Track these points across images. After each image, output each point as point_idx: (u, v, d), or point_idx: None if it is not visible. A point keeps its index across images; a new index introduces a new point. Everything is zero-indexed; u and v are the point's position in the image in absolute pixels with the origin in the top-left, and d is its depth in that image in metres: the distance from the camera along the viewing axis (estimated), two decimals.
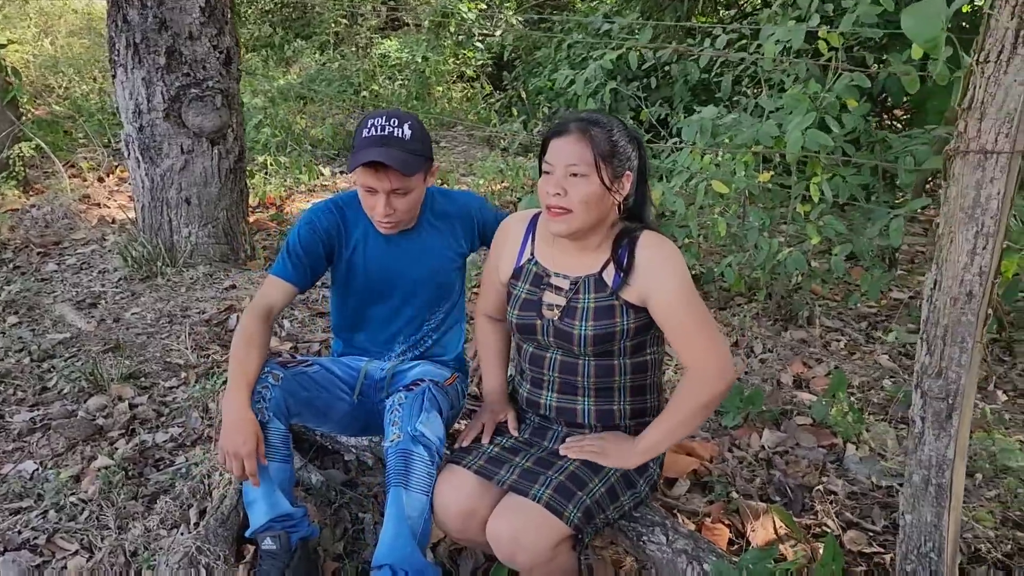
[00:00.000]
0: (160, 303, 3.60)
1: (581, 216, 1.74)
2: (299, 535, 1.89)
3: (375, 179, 1.88)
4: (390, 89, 9.49)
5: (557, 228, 1.76)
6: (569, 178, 1.71)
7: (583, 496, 1.76)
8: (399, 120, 1.91)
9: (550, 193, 1.73)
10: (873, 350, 3.45)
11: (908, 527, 1.87)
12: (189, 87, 3.75)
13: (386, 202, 1.90)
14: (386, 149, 1.86)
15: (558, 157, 1.73)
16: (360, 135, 1.90)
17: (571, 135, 1.72)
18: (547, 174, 1.75)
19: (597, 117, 1.76)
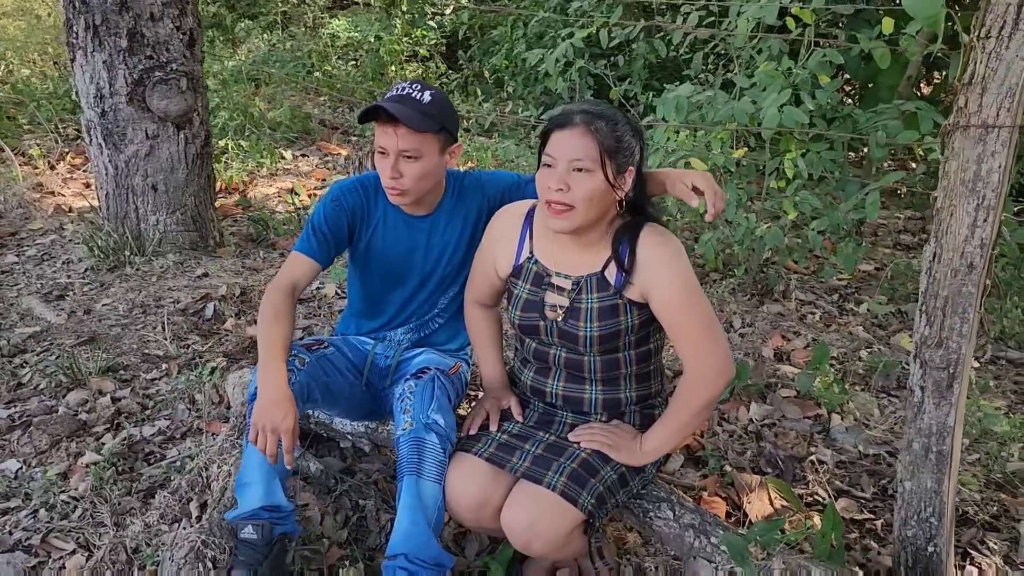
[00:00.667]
0: (131, 293, 3.50)
1: (583, 213, 1.69)
2: (282, 529, 1.85)
3: (385, 136, 1.85)
4: (344, 70, 9.34)
5: (559, 225, 1.71)
6: (572, 173, 1.66)
7: (596, 483, 1.77)
8: (422, 87, 1.90)
9: (552, 188, 1.67)
10: (848, 321, 3.53)
11: (908, 494, 1.92)
12: (153, 70, 3.64)
13: (393, 164, 1.87)
14: (399, 105, 1.84)
15: (561, 150, 1.67)
16: (387, 95, 1.89)
17: (576, 128, 1.66)
18: (548, 167, 1.69)
19: (601, 110, 1.71)
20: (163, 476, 2.27)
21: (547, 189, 1.69)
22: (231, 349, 3.00)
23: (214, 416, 2.57)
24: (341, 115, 8.14)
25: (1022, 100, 1.60)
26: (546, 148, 1.71)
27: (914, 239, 4.85)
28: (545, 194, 1.70)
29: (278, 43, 9.93)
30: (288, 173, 5.80)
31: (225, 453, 2.17)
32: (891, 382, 2.98)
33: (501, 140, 6.06)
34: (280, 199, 5.18)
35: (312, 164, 6.09)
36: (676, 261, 1.74)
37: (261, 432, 1.73)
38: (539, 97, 7.75)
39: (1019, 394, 2.89)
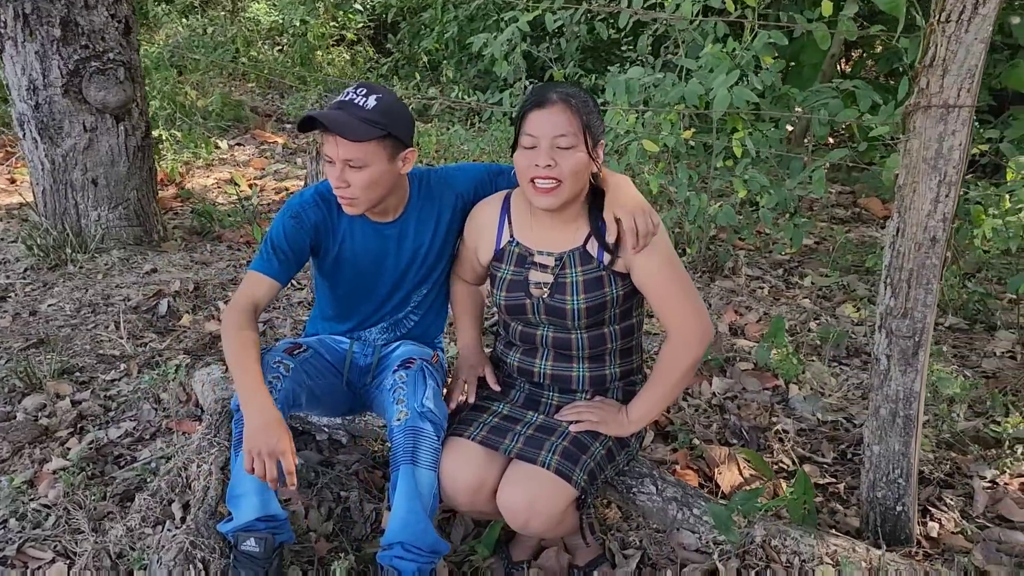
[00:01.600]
0: (77, 292, 3.39)
1: (569, 187, 1.74)
2: (281, 539, 1.83)
3: (328, 145, 1.81)
4: (271, 55, 9.14)
5: (546, 202, 1.75)
6: (556, 150, 1.71)
7: (587, 459, 1.82)
8: (367, 91, 1.83)
9: (540, 165, 1.70)
10: (795, 295, 3.66)
11: (876, 457, 2.02)
12: (89, 60, 3.51)
13: (339, 174, 1.83)
14: (337, 112, 1.79)
15: (543, 128, 1.71)
16: (331, 100, 1.85)
17: (555, 105, 1.71)
18: (529, 148, 1.73)
19: (570, 88, 1.76)
20: (138, 478, 2.22)
21: (533, 167, 1.72)
22: (192, 346, 2.94)
23: (183, 415, 2.52)
24: (272, 102, 7.98)
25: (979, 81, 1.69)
26: (524, 128, 1.74)
27: (847, 212, 5.04)
28: (530, 172, 1.73)
29: (198, 28, 9.63)
30: (225, 163, 5.68)
31: (204, 452, 2.13)
32: (841, 351, 3.11)
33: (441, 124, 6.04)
34: (220, 190, 5.07)
35: (249, 153, 5.97)
36: (657, 234, 1.81)
37: (258, 458, 1.70)
38: (473, 80, 7.74)
39: (960, 358, 3.06)
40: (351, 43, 9.58)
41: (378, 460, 2.40)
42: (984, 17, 1.64)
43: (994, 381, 2.85)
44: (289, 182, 5.28)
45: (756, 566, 1.88)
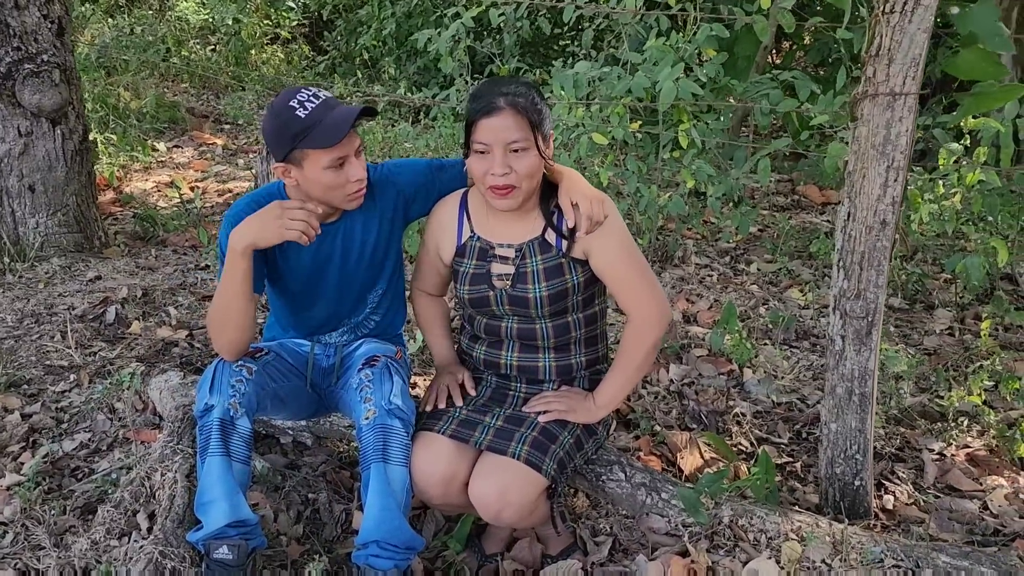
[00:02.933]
0: (18, 303, 3.28)
1: (526, 188, 1.79)
2: (254, 544, 1.80)
3: (349, 144, 1.79)
4: (203, 55, 8.94)
5: (506, 204, 1.79)
6: (510, 154, 1.74)
7: (556, 448, 1.84)
8: (312, 88, 1.83)
9: (496, 174, 1.73)
10: (743, 281, 3.75)
11: (833, 435, 2.10)
12: (22, 62, 3.39)
13: (359, 164, 1.83)
14: (344, 107, 1.79)
15: (495, 136, 1.73)
16: (298, 119, 1.75)
17: (504, 111, 1.72)
18: (481, 154, 1.75)
19: (515, 87, 1.77)
20: (99, 490, 2.17)
21: (488, 176, 1.75)
22: (144, 353, 2.88)
23: (141, 424, 2.47)
24: (207, 102, 7.81)
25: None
26: (475, 136, 1.76)
27: (786, 200, 5.17)
28: (487, 180, 1.76)
29: (125, 27, 9.36)
30: (164, 166, 5.55)
31: (167, 460, 2.09)
32: (791, 334, 3.20)
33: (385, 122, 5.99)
34: (160, 193, 4.95)
35: (188, 155, 5.84)
36: (611, 218, 1.85)
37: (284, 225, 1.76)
38: (412, 76, 7.70)
39: (903, 336, 3.17)
40: (286, 41, 9.44)
41: (344, 460, 2.39)
42: (926, 8, 1.72)
43: (936, 357, 2.97)
44: (233, 183, 5.19)
45: (725, 545, 1.93)
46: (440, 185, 2.03)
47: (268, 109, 1.82)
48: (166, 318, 3.16)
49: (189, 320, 3.16)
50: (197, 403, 1.84)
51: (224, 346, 1.87)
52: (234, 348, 1.88)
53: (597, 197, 1.82)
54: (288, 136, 1.77)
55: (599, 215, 1.80)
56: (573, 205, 1.80)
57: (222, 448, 1.78)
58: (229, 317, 1.84)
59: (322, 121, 1.75)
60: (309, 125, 1.75)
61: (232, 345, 1.87)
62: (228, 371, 1.84)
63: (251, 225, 1.78)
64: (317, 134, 1.75)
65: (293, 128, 1.76)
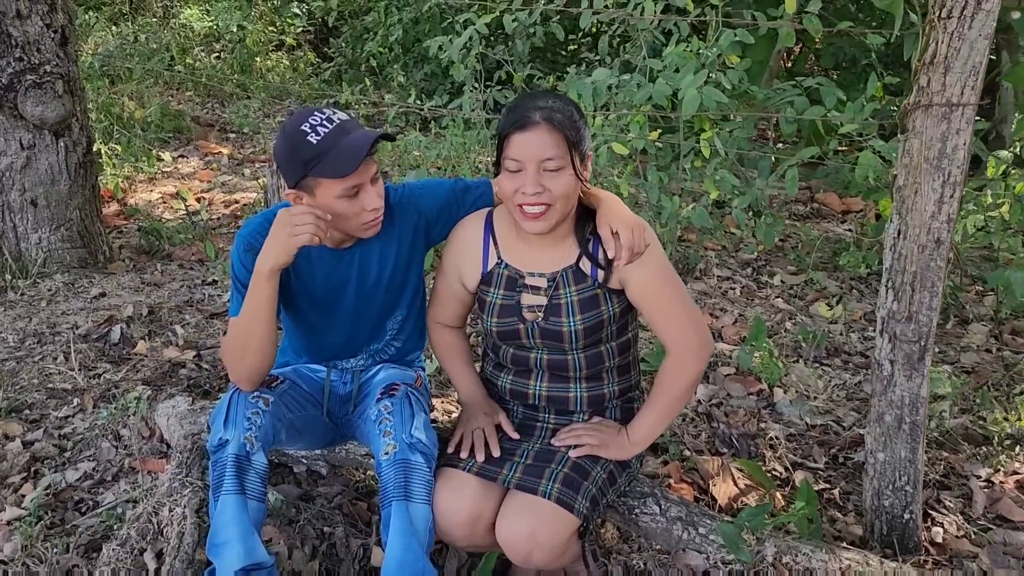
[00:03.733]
0: (20, 322, 3.18)
1: (560, 210, 1.66)
2: None
3: (364, 170, 1.67)
4: (208, 62, 8.86)
5: (537, 227, 1.67)
6: (543, 173, 1.62)
7: (588, 485, 1.73)
8: (328, 111, 1.70)
9: (528, 192, 1.61)
10: (767, 294, 3.63)
11: (880, 464, 1.97)
12: (24, 73, 3.29)
13: (375, 192, 1.71)
14: (359, 132, 1.67)
15: (528, 152, 1.61)
16: (310, 144, 1.63)
17: (539, 126, 1.60)
18: (513, 172, 1.63)
19: (552, 101, 1.65)
20: (103, 526, 2.06)
21: (520, 194, 1.63)
22: (150, 375, 2.77)
23: (147, 452, 2.36)
24: (212, 111, 7.72)
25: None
26: (508, 152, 1.64)
27: (806, 208, 5.06)
28: (518, 199, 1.64)
29: (129, 35, 9.28)
30: (169, 176, 5.44)
31: (175, 494, 1.98)
32: (821, 351, 3.08)
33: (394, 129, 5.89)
34: (166, 205, 4.85)
35: (194, 165, 5.74)
36: (650, 244, 1.73)
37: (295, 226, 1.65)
38: (420, 83, 7.60)
39: (938, 353, 3.05)
40: (291, 48, 9.36)
41: (361, 491, 2.28)
42: (987, 13, 1.60)
43: (976, 376, 2.85)
44: (239, 194, 5.08)
45: None
46: (464, 207, 1.91)
47: (280, 131, 1.70)
48: (173, 337, 3.05)
49: (196, 339, 3.05)
50: (211, 436, 1.73)
51: (243, 375, 1.76)
52: (254, 377, 1.76)
53: (638, 225, 1.70)
54: (299, 162, 1.66)
55: (640, 245, 1.68)
56: (613, 233, 1.68)
57: (237, 486, 1.67)
58: (250, 344, 1.73)
59: (335, 148, 1.62)
60: (321, 152, 1.63)
61: (252, 373, 1.76)
62: (244, 403, 1.73)
63: (271, 244, 1.67)
64: (329, 162, 1.63)
65: (304, 154, 1.64)
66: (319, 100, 7.69)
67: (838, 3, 5.86)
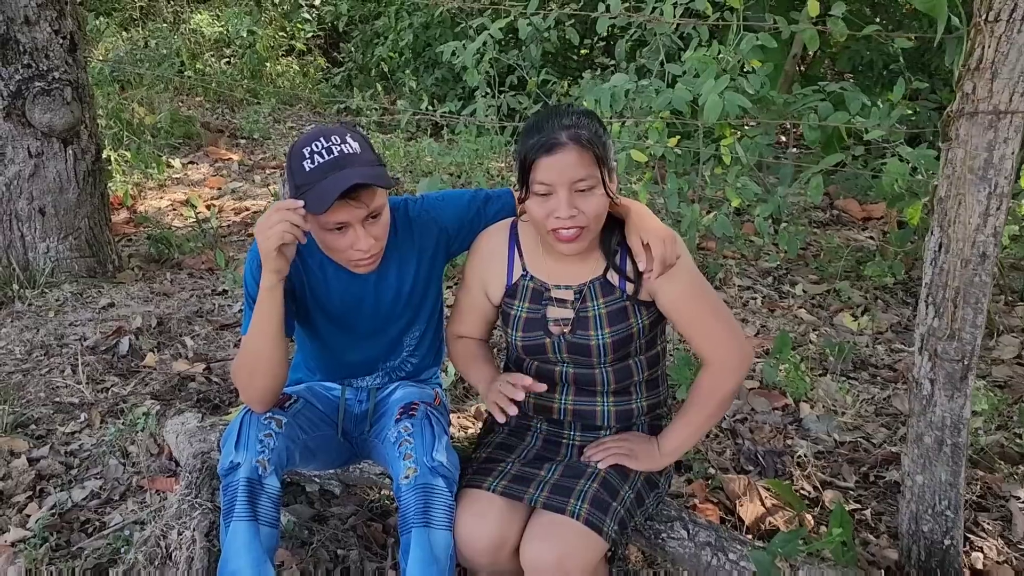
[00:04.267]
0: (27, 333, 3.12)
1: (593, 230, 1.61)
2: None
3: (348, 211, 1.57)
4: (218, 67, 8.82)
5: (573, 249, 1.61)
6: (575, 195, 1.55)
7: (617, 506, 1.65)
8: (339, 136, 1.59)
9: (563, 216, 1.55)
10: (789, 305, 3.54)
11: (919, 488, 1.88)
12: (32, 80, 3.24)
13: (365, 233, 1.62)
14: (351, 170, 1.56)
15: (560, 176, 1.54)
16: (303, 169, 1.56)
17: (568, 148, 1.53)
18: (544, 196, 1.56)
19: (576, 118, 1.58)
20: (110, 549, 1.99)
21: (553, 219, 1.56)
22: (159, 389, 2.70)
23: (156, 470, 2.29)
24: (222, 116, 7.68)
25: None
26: (536, 176, 1.56)
27: (825, 215, 4.97)
28: (551, 223, 1.57)
29: (139, 41, 9.26)
30: (179, 183, 5.39)
31: (184, 516, 1.91)
32: (848, 364, 2.99)
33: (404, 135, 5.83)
34: (176, 212, 4.79)
35: (204, 172, 5.69)
36: (681, 255, 1.66)
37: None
38: (430, 88, 7.54)
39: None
40: (301, 53, 9.31)
41: (376, 511, 2.20)
42: None
43: (1009, 391, 2.76)
44: (249, 201, 5.02)
45: None
46: (486, 219, 1.84)
47: (293, 144, 1.63)
48: (182, 349, 2.99)
49: (206, 351, 2.98)
50: (222, 459, 1.66)
51: (253, 396, 1.68)
52: (265, 398, 1.69)
53: (669, 236, 1.62)
54: (292, 186, 1.60)
55: (672, 257, 1.61)
56: (644, 246, 1.61)
57: (248, 512, 1.60)
58: (259, 364, 1.65)
59: (319, 183, 1.54)
60: (308, 182, 1.55)
61: (262, 394, 1.68)
62: (256, 425, 1.66)
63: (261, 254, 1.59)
64: (310, 196, 1.55)
65: (296, 179, 1.58)
66: (329, 105, 7.64)
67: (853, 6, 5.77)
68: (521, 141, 1.61)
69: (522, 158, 1.59)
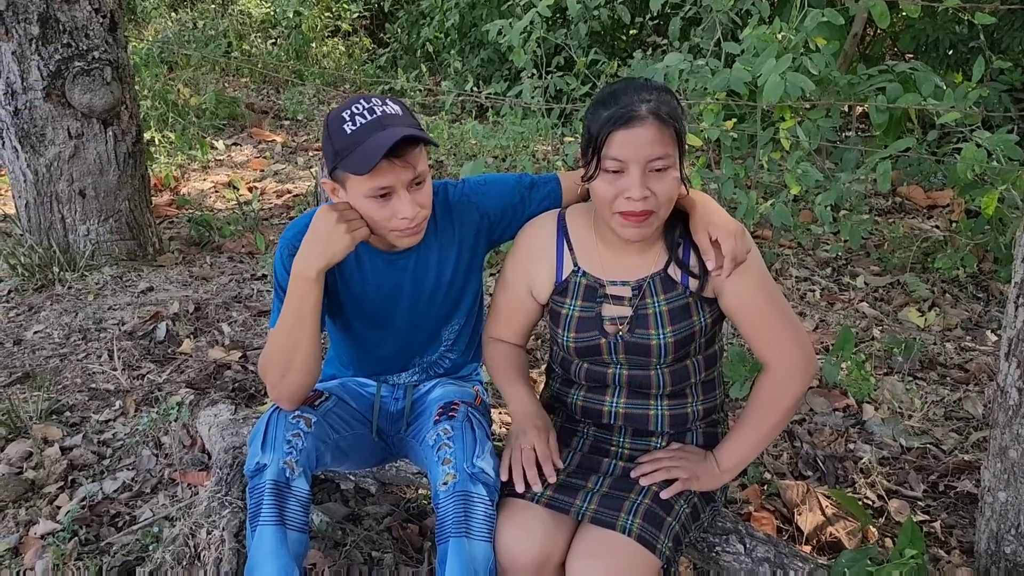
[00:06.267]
0: (66, 316, 3.08)
1: (662, 217, 1.47)
2: None
3: (394, 173, 1.47)
4: (264, 48, 8.81)
5: (639, 234, 1.47)
6: (650, 174, 1.42)
7: (672, 522, 1.52)
8: (378, 99, 1.52)
9: (635, 198, 1.41)
10: (850, 298, 3.36)
11: (1001, 505, 1.73)
12: (72, 60, 3.19)
13: (410, 199, 1.51)
14: (394, 129, 1.47)
15: (635, 152, 1.40)
16: (344, 133, 1.47)
17: (647, 122, 1.39)
18: (615, 172, 1.42)
19: (656, 92, 1.44)
20: (139, 546, 1.92)
21: (623, 199, 1.43)
22: (194, 377, 2.64)
23: (188, 463, 2.22)
24: (267, 98, 7.65)
25: None
26: (608, 151, 1.42)
27: (887, 203, 4.74)
28: (621, 205, 1.44)
29: (188, 22, 9.29)
30: (222, 165, 5.36)
31: (214, 515, 1.83)
32: (914, 363, 2.81)
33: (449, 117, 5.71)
34: (218, 195, 4.75)
35: (247, 153, 5.65)
36: (749, 254, 1.53)
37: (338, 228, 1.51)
38: (476, 69, 7.41)
39: None
40: (346, 34, 9.25)
41: (413, 511, 2.11)
42: None
43: None
44: (291, 184, 4.96)
45: None
46: (531, 205, 1.71)
47: (329, 113, 1.53)
48: (219, 336, 2.92)
49: (243, 339, 2.91)
50: (248, 460, 1.57)
51: (283, 393, 1.59)
52: (296, 395, 1.60)
53: (739, 231, 1.48)
54: (331, 151, 1.49)
55: (743, 254, 1.47)
56: (713, 242, 1.47)
57: (275, 516, 1.51)
58: (294, 359, 1.55)
59: (363, 143, 1.44)
60: (351, 144, 1.45)
61: (293, 391, 1.59)
62: (283, 424, 1.56)
63: (315, 243, 1.50)
64: (353, 157, 1.44)
65: (336, 144, 1.47)
66: (374, 87, 7.56)
67: None
68: (591, 113, 1.47)
69: (594, 132, 1.45)
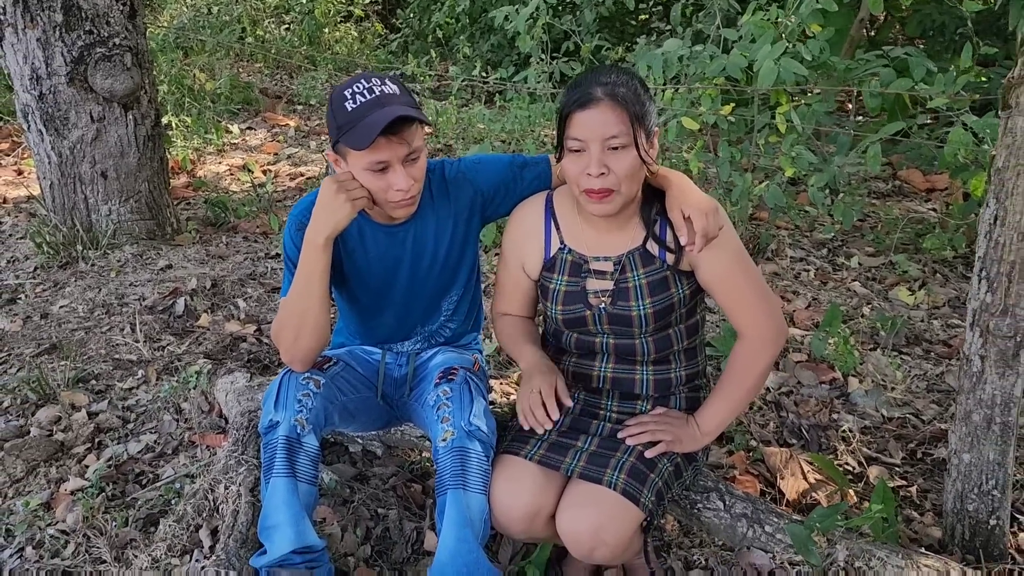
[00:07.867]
0: (90, 292, 3.23)
1: (626, 192, 1.58)
2: (320, 573, 1.65)
3: (390, 148, 1.60)
4: (277, 34, 8.92)
5: (602, 210, 1.59)
6: (608, 152, 1.53)
7: (655, 478, 1.65)
8: (378, 79, 1.64)
9: (592, 175, 1.53)
10: (843, 277, 3.46)
11: (965, 466, 1.85)
12: (94, 46, 3.32)
13: (404, 173, 1.64)
14: (392, 107, 1.60)
15: (592, 131, 1.52)
16: (345, 110, 1.60)
17: (602, 103, 1.52)
18: (576, 152, 1.55)
19: (615, 76, 1.56)
20: (162, 500, 2.07)
21: (584, 176, 1.55)
22: (211, 349, 2.78)
23: (206, 426, 2.37)
24: (281, 82, 7.78)
25: None
26: (570, 132, 1.55)
27: (886, 186, 4.82)
28: (583, 182, 1.56)
29: (203, 7, 9.40)
30: (237, 148, 5.49)
31: (231, 471, 1.98)
32: (900, 339, 2.92)
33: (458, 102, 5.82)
34: (233, 177, 4.89)
35: (261, 137, 5.78)
36: (722, 228, 1.64)
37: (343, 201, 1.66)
38: (486, 54, 7.51)
39: None
40: (359, 19, 9.35)
41: (416, 472, 2.24)
42: None
43: None
44: (304, 167, 5.10)
45: None
46: (522, 184, 1.84)
47: (332, 90, 1.66)
48: (235, 311, 3.06)
49: (258, 314, 3.06)
50: (262, 418, 1.71)
51: (296, 355, 1.73)
52: (307, 357, 1.74)
53: (711, 208, 1.60)
54: (334, 127, 1.63)
55: (714, 230, 1.58)
56: (686, 218, 1.59)
57: (288, 469, 1.65)
58: (305, 323, 1.70)
59: (362, 120, 1.57)
60: (351, 120, 1.58)
61: (305, 354, 1.73)
62: (295, 384, 1.70)
63: (321, 213, 1.64)
64: (353, 133, 1.57)
65: (338, 119, 1.61)
66: (385, 71, 7.65)
67: None
68: (562, 98, 1.60)
69: (560, 115, 1.58)
